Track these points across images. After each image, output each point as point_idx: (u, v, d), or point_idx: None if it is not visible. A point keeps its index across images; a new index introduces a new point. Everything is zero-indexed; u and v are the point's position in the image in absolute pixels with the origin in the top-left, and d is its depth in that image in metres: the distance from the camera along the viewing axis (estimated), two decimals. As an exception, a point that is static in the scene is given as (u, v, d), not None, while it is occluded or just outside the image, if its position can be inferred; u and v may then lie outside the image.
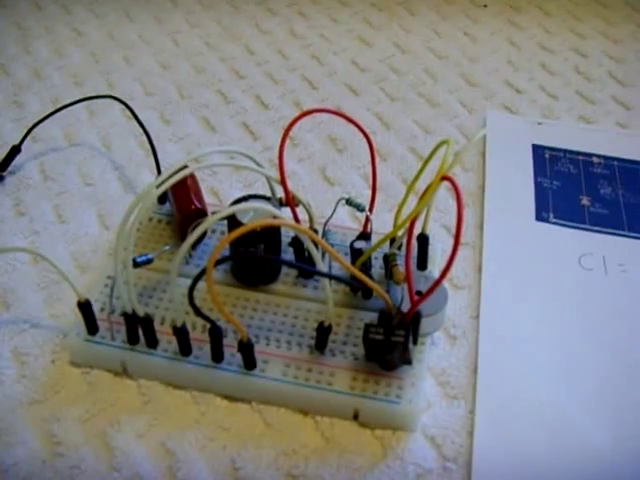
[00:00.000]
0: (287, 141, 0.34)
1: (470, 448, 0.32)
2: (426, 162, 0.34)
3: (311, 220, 0.35)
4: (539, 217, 0.42)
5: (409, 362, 0.32)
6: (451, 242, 0.40)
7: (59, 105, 0.46)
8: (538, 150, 0.47)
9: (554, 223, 0.42)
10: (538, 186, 0.44)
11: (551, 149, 0.47)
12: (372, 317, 0.34)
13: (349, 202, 0.35)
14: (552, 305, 0.37)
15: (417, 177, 0.35)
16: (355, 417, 0.32)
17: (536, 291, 0.38)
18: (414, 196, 0.35)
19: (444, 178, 0.30)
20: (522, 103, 0.51)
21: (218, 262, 0.29)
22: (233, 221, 0.33)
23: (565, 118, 0.50)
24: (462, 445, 0.32)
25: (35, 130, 0.45)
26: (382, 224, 0.39)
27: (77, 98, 0.46)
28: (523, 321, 0.37)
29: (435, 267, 0.37)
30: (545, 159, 0.46)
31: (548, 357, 0.35)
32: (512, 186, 0.44)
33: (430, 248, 0.37)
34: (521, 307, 0.37)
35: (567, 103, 0.51)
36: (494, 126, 0.49)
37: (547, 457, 0.31)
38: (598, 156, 0.47)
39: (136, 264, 0.33)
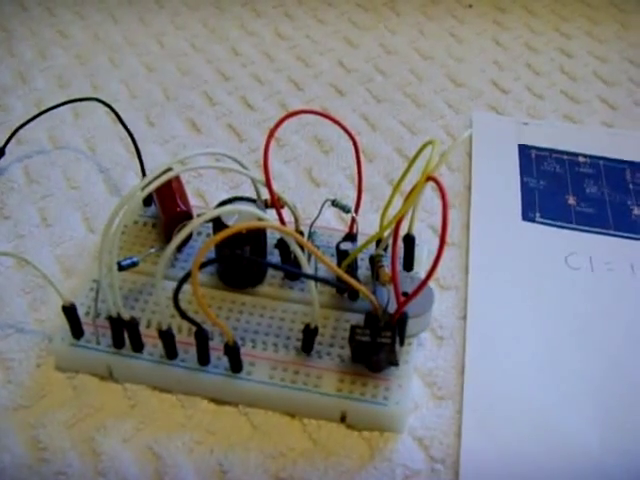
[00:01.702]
0: (272, 142, 0.33)
1: (458, 449, 0.32)
2: (411, 163, 0.34)
3: (297, 221, 0.35)
4: (526, 217, 0.42)
5: (396, 363, 0.32)
6: (437, 243, 0.41)
7: (44, 108, 0.45)
8: (524, 150, 0.47)
9: (541, 223, 0.42)
10: (524, 186, 0.44)
11: (537, 149, 0.47)
12: (359, 318, 0.34)
13: (335, 203, 0.35)
14: (539, 305, 0.37)
15: (402, 178, 0.34)
16: (342, 419, 0.32)
17: (523, 291, 0.38)
18: (400, 197, 0.35)
19: (429, 178, 0.30)
20: (508, 103, 0.51)
21: (203, 265, 0.28)
22: (218, 223, 0.33)
23: (551, 118, 0.50)
24: (450, 446, 0.32)
25: (19, 133, 0.45)
26: (368, 225, 0.39)
27: (62, 101, 0.46)
28: (510, 321, 0.37)
29: (421, 268, 0.37)
30: (531, 159, 0.46)
31: (535, 357, 0.35)
32: (498, 186, 0.44)
33: (416, 249, 0.37)
34: (508, 307, 0.37)
35: (553, 103, 0.52)
36: (480, 126, 0.49)
37: (535, 457, 0.31)
38: (584, 155, 0.47)
39: (121, 267, 0.33)
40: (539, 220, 0.42)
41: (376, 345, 0.31)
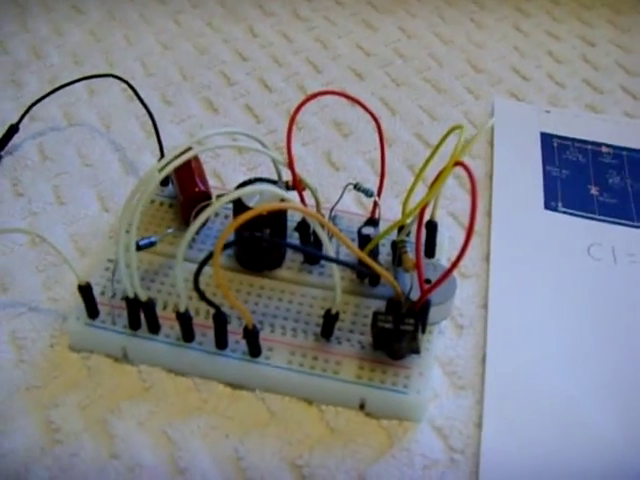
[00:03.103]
0: (295, 122, 0.33)
1: (478, 439, 0.31)
2: (437, 147, 0.33)
3: (318, 205, 0.34)
4: (548, 206, 0.42)
5: (417, 351, 0.31)
6: (458, 230, 0.40)
7: (58, 84, 0.45)
8: (546, 138, 0.46)
9: (563, 212, 0.41)
10: (547, 175, 0.44)
11: (559, 137, 0.46)
12: (379, 305, 0.34)
13: (357, 187, 0.34)
14: (561, 295, 0.37)
15: (428, 162, 0.34)
16: (361, 407, 0.32)
17: (544, 281, 0.37)
18: (421, 183, 0.34)
19: (457, 164, 0.29)
20: (529, 90, 0.50)
21: (225, 246, 0.28)
22: (239, 205, 0.32)
23: (572, 107, 0.49)
24: (470, 436, 0.31)
25: (33, 109, 0.44)
26: (388, 210, 0.38)
27: (76, 77, 0.45)
28: (531, 311, 0.36)
29: (443, 255, 0.37)
30: (553, 147, 0.46)
31: (556, 347, 0.34)
32: (520, 174, 0.44)
33: (438, 235, 0.36)
34: (529, 296, 0.37)
35: (575, 91, 0.51)
36: (501, 113, 0.48)
37: (556, 448, 0.31)
38: (607, 145, 0.46)
39: (139, 247, 0.32)
40: (561, 209, 0.41)
41: (399, 332, 0.30)
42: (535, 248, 0.39)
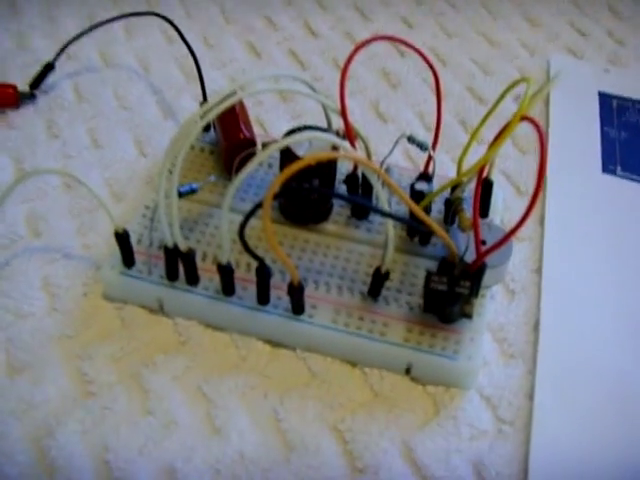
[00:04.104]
0: (349, 67, 0.31)
1: (528, 411, 0.30)
2: (499, 100, 0.31)
3: (369, 156, 0.32)
4: (605, 169, 0.39)
5: (470, 316, 0.30)
6: (510, 190, 0.38)
7: (95, 21, 0.43)
8: (605, 98, 0.44)
9: (622, 176, 0.39)
10: (605, 136, 0.41)
11: (619, 98, 0.44)
12: (428, 265, 0.32)
13: (411, 140, 0.32)
14: (618, 262, 0.35)
15: (487, 116, 0.31)
16: (407, 371, 0.30)
17: (601, 246, 0.36)
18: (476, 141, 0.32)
19: (524, 118, 0.27)
20: (587, 48, 0.48)
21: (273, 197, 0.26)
22: (288, 154, 0.30)
23: (633, 66, 0.47)
24: (520, 407, 0.30)
25: (70, 48, 0.42)
26: (438, 166, 0.36)
27: (113, 15, 0.43)
28: (587, 278, 0.34)
29: (496, 215, 0.35)
30: (612, 108, 0.43)
31: (613, 318, 0.33)
32: (577, 135, 0.41)
33: (492, 195, 0.34)
34: (585, 263, 0.35)
35: (636, 50, 0.48)
36: (558, 71, 0.45)
37: (613, 425, 0.29)
38: (669, 107, 0.44)
39: (180, 194, 0.31)
40: (620, 173, 0.39)
41: (453, 295, 0.28)
42: (592, 213, 0.37)
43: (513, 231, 0.27)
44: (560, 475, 0.28)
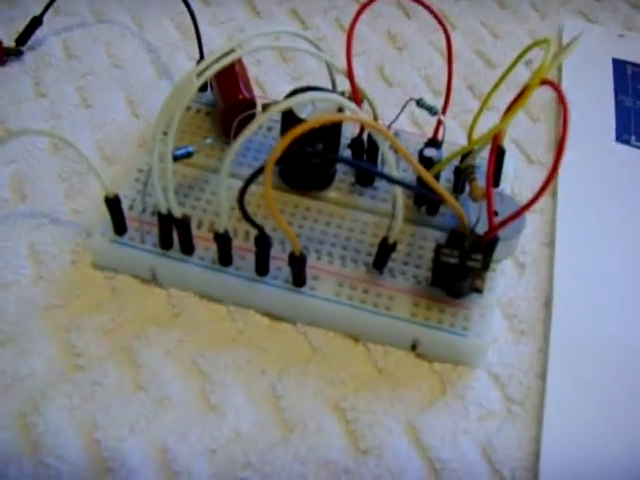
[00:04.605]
0: (356, 25, 0.29)
1: (538, 391, 0.28)
2: (514, 64, 0.29)
3: (375, 120, 0.30)
4: (620, 138, 0.38)
5: (480, 290, 0.28)
6: (521, 158, 0.36)
7: (86, -25, 0.41)
8: (619, 65, 0.42)
9: (636, 146, 0.37)
10: (619, 104, 0.40)
11: (634, 65, 0.42)
12: (437, 236, 0.30)
13: (420, 103, 0.31)
14: (633, 235, 0.33)
15: (501, 81, 0.30)
16: (413, 347, 0.29)
17: (615, 218, 0.34)
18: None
19: (544, 82, 0.26)
20: (601, 12, 0.46)
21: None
22: (290, 116, 0.29)
23: (649, 32, 0.45)
24: (530, 387, 0.28)
25: (58, 2, 0.40)
26: (447, 132, 0.34)
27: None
28: (601, 252, 0.33)
29: (507, 184, 0.33)
30: (627, 75, 0.41)
31: (628, 294, 0.31)
32: (590, 102, 0.39)
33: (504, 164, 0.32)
34: (599, 236, 0.33)
35: (652, 15, 0.46)
36: (572, 36, 0.43)
37: (628, 406, 0.28)
38: (686, 75, 0.42)
39: (175, 158, 0.29)
40: (635, 143, 0.38)
41: (465, 269, 0.27)
42: (606, 183, 0.36)
43: (529, 204, 0.26)
44: (573, 457, 0.27)
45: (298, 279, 0.28)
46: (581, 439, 0.27)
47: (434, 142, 0.31)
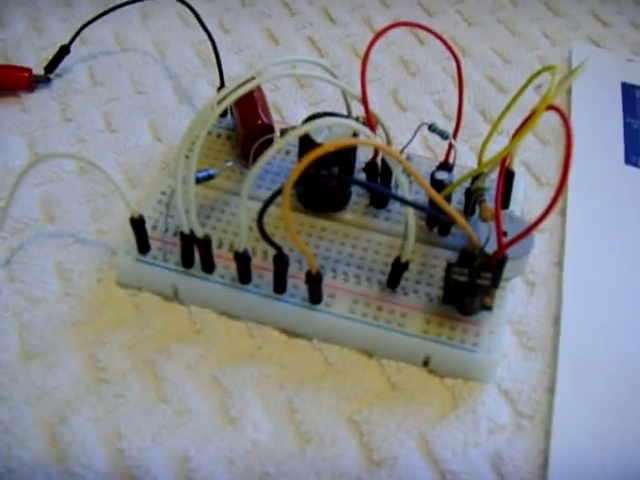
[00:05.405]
0: (370, 53, 0.30)
1: (547, 406, 0.29)
2: (523, 88, 0.31)
3: (389, 144, 0.32)
4: (629, 161, 0.39)
5: (490, 308, 0.29)
6: (530, 180, 0.38)
7: (111, 5, 0.42)
8: (628, 89, 0.43)
9: (645, 169, 0.38)
10: (628, 127, 0.41)
11: (642, 89, 0.43)
12: (447, 255, 0.31)
13: (432, 128, 0.32)
14: (642, 256, 0.34)
15: (510, 106, 0.31)
16: (425, 363, 0.30)
17: (624, 239, 0.35)
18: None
19: (550, 107, 0.27)
20: (610, 37, 0.47)
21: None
22: (307, 141, 0.30)
23: (657, 56, 0.46)
24: (539, 402, 0.29)
25: (84, 31, 0.41)
26: (458, 155, 0.35)
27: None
28: (610, 271, 0.33)
29: (517, 206, 0.34)
30: (635, 99, 0.42)
31: (637, 313, 0.32)
32: (599, 126, 0.41)
33: (513, 185, 0.33)
34: (608, 256, 0.34)
35: (659, 41, 0.47)
36: (580, 61, 0.44)
37: (636, 421, 0.29)
38: (694, 99, 0.43)
39: (197, 180, 0.30)
40: (643, 166, 0.39)
41: (475, 286, 0.28)
42: (614, 205, 0.36)
43: (536, 223, 0.27)
44: (581, 470, 0.27)
45: (314, 297, 0.29)
46: (588, 452, 0.28)
47: (445, 165, 0.32)
